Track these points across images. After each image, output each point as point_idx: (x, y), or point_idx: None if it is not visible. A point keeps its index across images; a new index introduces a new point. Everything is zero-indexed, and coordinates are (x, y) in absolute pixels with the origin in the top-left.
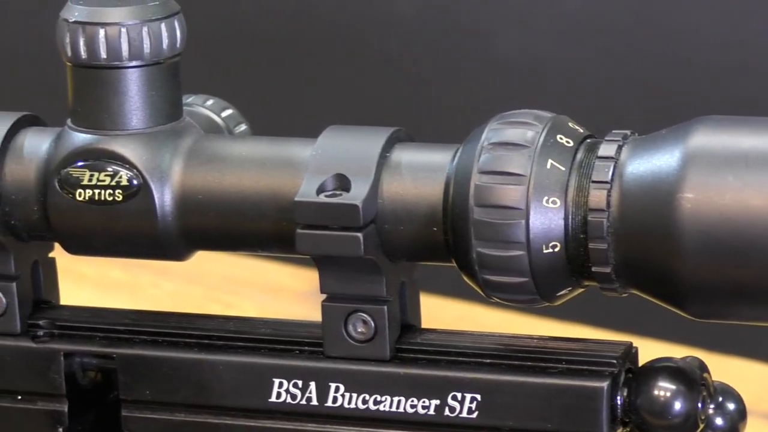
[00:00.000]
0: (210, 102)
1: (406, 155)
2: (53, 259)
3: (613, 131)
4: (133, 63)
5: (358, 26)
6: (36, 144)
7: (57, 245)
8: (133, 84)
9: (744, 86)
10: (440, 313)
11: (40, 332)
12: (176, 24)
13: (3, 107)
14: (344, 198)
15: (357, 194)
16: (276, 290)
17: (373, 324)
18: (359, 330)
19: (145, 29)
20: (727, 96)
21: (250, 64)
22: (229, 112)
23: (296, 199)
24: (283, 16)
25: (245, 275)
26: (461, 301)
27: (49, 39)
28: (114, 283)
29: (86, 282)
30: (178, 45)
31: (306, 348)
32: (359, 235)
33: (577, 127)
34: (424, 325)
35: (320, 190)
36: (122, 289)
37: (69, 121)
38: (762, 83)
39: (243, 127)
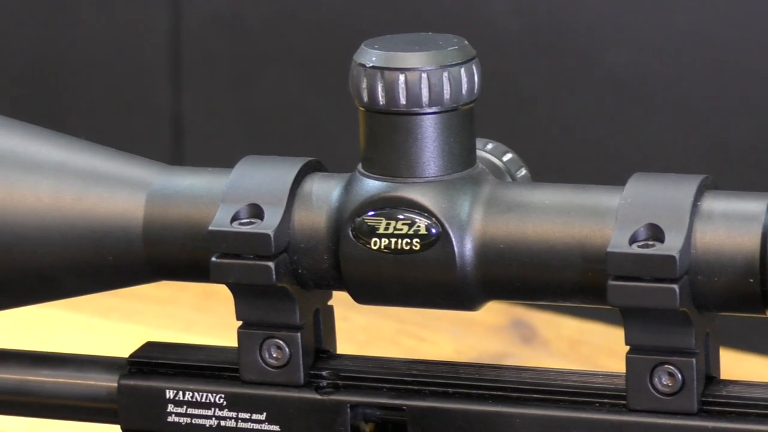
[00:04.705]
0: (490, 146)
1: (717, 204)
2: (332, 307)
3: None
4: (433, 109)
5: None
6: (325, 191)
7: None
8: (432, 130)
9: None
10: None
11: (324, 383)
12: (474, 69)
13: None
14: (659, 249)
15: (672, 245)
16: (468, 323)
17: (680, 376)
18: (665, 383)
19: (445, 75)
20: None
21: None
22: (509, 156)
23: (609, 250)
24: None
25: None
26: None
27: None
28: None
29: None
30: (475, 90)
31: (607, 401)
32: (675, 287)
33: None
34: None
35: (632, 240)
36: None
37: (360, 167)
38: None
39: (523, 171)
